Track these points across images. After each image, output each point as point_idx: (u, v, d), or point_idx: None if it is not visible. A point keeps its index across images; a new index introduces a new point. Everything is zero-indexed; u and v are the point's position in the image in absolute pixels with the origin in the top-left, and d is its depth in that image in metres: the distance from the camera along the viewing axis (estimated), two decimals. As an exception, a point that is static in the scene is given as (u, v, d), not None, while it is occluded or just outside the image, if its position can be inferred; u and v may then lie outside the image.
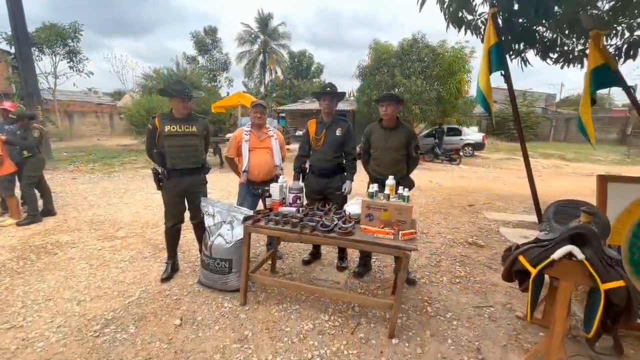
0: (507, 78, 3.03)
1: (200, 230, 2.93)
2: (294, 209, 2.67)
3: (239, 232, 2.63)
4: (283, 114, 20.52)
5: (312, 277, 3.11)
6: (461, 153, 13.47)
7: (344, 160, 3.13)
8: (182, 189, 2.88)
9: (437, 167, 11.69)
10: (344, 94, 3.01)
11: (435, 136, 13.48)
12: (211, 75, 31.96)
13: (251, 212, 2.67)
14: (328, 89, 2.96)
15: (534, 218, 5.09)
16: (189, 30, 34.17)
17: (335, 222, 2.37)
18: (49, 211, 4.73)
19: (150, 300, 2.64)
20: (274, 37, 33.35)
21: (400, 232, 2.16)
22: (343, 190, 3.03)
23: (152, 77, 27.94)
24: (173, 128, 2.75)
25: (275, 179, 3.09)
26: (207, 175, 3.10)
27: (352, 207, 2.62)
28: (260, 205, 3.02)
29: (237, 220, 2.70)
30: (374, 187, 2.46)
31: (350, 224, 2.34)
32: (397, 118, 2.90)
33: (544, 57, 3.64)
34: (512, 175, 10.35)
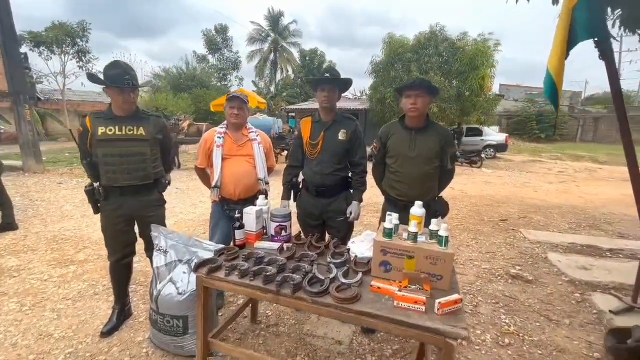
0: (605, 49, 2.02)
1: (154, 267, 2.15)
2: (275, 245, 1.86)
3: (197, 277, 1.84)
4: (292, 114, 19.76)
5: (305, 331, 2.29)
6: (482, 155, 12.41)
7: (350, 174, 2.30)
8: (125, 213, 2.11)
9: (457, 170, 10.66)
10: (349, 81, 2.19)
11: (453, 137, 12.45)
12: (221, 74, 31.60)
13: (220, 247, 1.88)
14: (327, 74, 2.12)
15: (586, 239, 4.14)
16: (201, 29, 33.88)
17: (332, 275, 1.54)
18: (8, 225, 4.07)
19: (73, 372, 1.88)
20: (284, 36, 32.69)
21: (437, 301, 1.32)
22: (348, 215, 2.20)
23: (160, 77, 27.78)
24: (110, 130, 1.98)
25: (258, 197, 2.29)
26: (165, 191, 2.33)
27: (359, 245, 1.79)
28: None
29: (199, 259, 1.91)
30: (393, 218, 1.62)
31: (356, 279, 1.51)
32: (427, 116, 2.05)
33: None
34: (541, 180, 9.28)
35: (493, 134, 14.15)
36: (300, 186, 2.39)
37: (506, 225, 4.78)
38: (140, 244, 2.32)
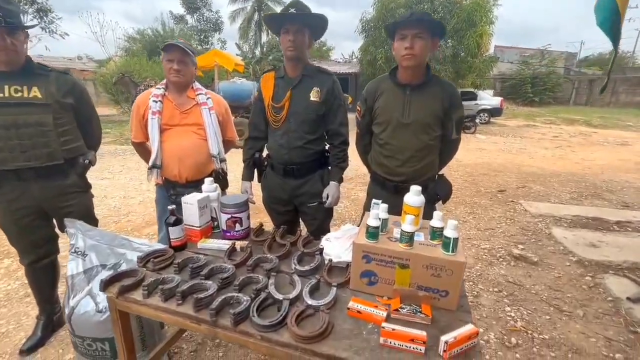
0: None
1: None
2: (225, 246, 1.40)
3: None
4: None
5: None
6: (477, 120, 11.93)
7: (326, 146, 1.80)
8: (30, 204, 1.60)
9: (450, 137, 10.24)
10: (323, 20, 1.62)
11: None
12: (202, 37, 29.41)
13: (152, 249, 1.41)
14: (292, 9, 1.54)
15: (590, 211, 3.81)
16: (178, -14, 30.96)
17: (295, 293, 1.10)
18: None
19: (-28, 410, 1.47)
20: (269, -8, 30.18)
21: (444, 340, 0.89)
22: (324, 200, 1.73)
23: (135, 40, 25.72)
24: (-15, 91, 1.41)
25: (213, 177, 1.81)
26: (117, 160, 1.80)
27: (336, 244, 1.33)
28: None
29: (129, 264, 1.45)
30: (380, 211, 1.16)
31: (327, 300, 1.07)
32: (427, 67, 1.52)
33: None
34: (537, 147, 8.94)
35: (488, 98, 13.55)
36: (266, 163, 1.89)
37: (505, 197, 4.42)
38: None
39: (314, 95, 1.64)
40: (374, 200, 1.29)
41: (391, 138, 1.53)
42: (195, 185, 1.81)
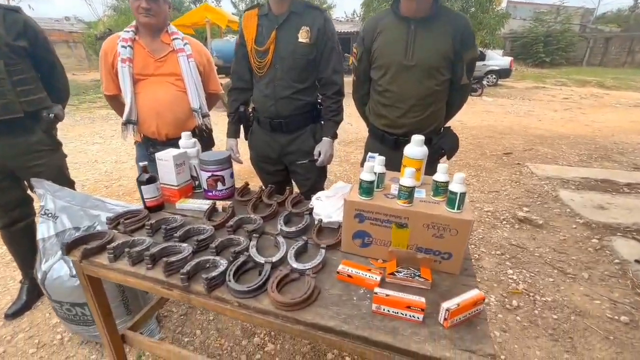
0: None
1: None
2: (205, 206, 1.27)
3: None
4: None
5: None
6: (484, 82, 11.40)
7: (319, 97, 1.61)
8: (-8, 162, 1.46)
9: (455, 99, 9.82)
10: None
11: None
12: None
13: (125, 210, 1.28)
14: None
15: (599, 173, 3.65)
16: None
17: (278, 255, 0.98)
18: None
19: (-44, 373, 1.43)
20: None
21: (445, 307, 0.77)
22: (315, 157, 1.57)
23: (125, -3, 24.16)
24: None
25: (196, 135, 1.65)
26: (108, 125, 1.63)
27: (327, 204, 1.20)
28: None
29: (104, 226, 1.33)
30: (376, 164, 1.01)
31: (314, 263, 0.95)
32: None
33: None
34: (546, 109, 8.57)
35: (497, 58, 12.85)
36: (252, 118, 1.71)
37: (511, 160, 4.24)
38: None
39: (302, 36, 1.42)
40: (369, 154, 1.14)
41: (391, 84, 1.33)
42: (177, 142, 1.65)
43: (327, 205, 1.18)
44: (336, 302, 0.85)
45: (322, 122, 1.62)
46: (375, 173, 0.97)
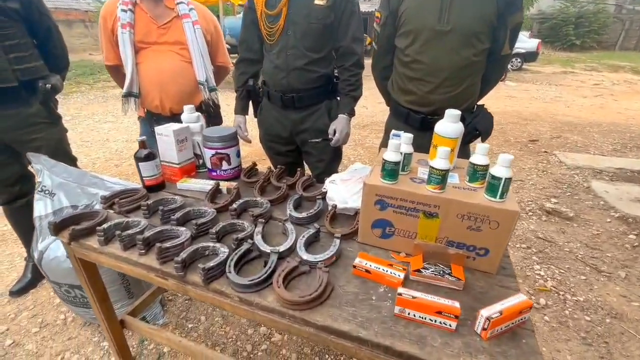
0: None
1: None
2: (209, 187, 1.15)
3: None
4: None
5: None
6: (508, 66, 10.79)
7: (335, 69, 1.45)
8: (-13, 135, 1.38)
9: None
10: None
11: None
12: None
13: (123, 188, 1.19)
14: None
15: (636, 163, 3.37)
16: None
17: (287, 245, 0.86)
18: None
19: (-41, 350, 1.41)
20: None
21: (484, 315, 0.64)
22: (330, 136, 1.43)
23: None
24: None
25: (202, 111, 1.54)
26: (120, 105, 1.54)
27: (342, 188, 1.06)
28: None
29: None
30: (402, 141, 0.86)
31: (327, 254, 0.83)
32: None
33: None
34: (575, 94, 8.07)
35: (523, 40, 12.08)
36: (262, 93, 1.57)
37: (537, 147, 3.98)
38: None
39: (319, -1, 1.25)
40: (393, 131, 0.99)
41: (421, 54, 1.16)
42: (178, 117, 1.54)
43: (343, 190, 1.05)
44: (352, 301, 0.73)
45: (338, 97, 1.47)
46: (401, 153, 0.83)
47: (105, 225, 0.90)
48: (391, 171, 0.82)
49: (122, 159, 3.61)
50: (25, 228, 1.68)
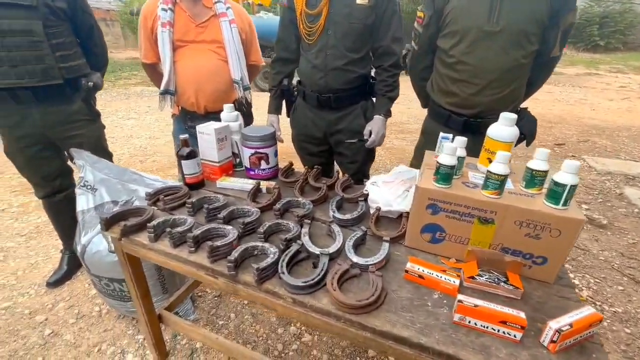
0: None
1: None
2: (249, 186, 1.16)
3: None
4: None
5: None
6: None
7: (373, 70, 1.43)
8: (35, 132, 1.42)
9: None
10: None
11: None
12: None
13: (164, 185, 1.21)
14: None
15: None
16: None
17: (335, 247, 0.85)
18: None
19: (0, 338, 1.45)
20: None
21: (553, 326, 0.62)
22: (365, 138, 1.41)
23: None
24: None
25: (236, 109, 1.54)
26: (141, 101, 1.57)
27: (384, 190, 1.05)
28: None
29: (142, 201, 1.27)
30: (458, 144, 0.84)
31: (378, 258, 0.82)
32: None
33: None
34: (600, 97, 7.80)
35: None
36: (296, 93, 1.57)
37: (564, 151, 3.86)
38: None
39: (361, -2, 1.24)
40: (441, 134, 0.97)
41: (467, 54, 1.13)
42: (216, 117, 1.55)
43: (386, 192, 1.04)
44: (407, 307, 0.72)
45: (374, 98, 1.45)
46: (456, 156, 0.81)
47: (154, 222, 0.91)
48: (446, 175, 0.80)
49: (146, 155, 3.68)
50: (62, 221, 1.73)
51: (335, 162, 1.66)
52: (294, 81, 1.57)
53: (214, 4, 1.48)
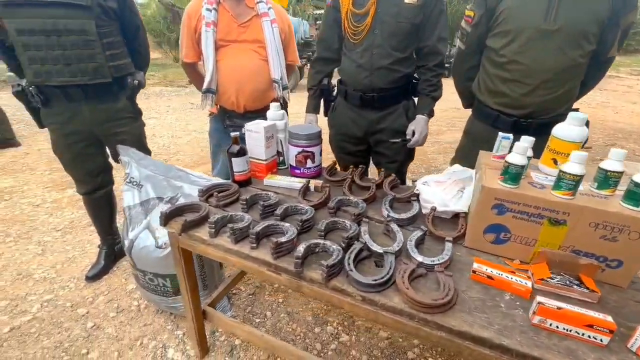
0: None
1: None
2: (297, 184, 1.17)
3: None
4: (320, 22, 17.16)
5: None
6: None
7: (416, 70, 1.42)
8: (82, 128, 1.46)
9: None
10: None
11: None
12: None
13: (212, 182, 1.22)
14: None
15: None
16: None
17: (396, 246, 0.85)
18: (7, 141, 3.68)
19: (46, 329, 1.49)
20: None
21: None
22: (407, 138, 1.41)
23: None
24: (19, -15, 1.18)
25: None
26: (161, 100, 1.61)
27: (437, 191, 1.04)
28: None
29: (187, 198, 1.29)
30: (526, 141, 0.82)
31: (442, 258, 0.81)
32: None
33: None
34: (622, 100, 7.61)
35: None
36: (335, 92, 1.57)
37: (591, 154, 3.77)
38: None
39: (409, -2, 1.23)
40: (501, 134, 0.95)
41: (520, 54, 1.11)
42: (254, 116, 1.56)
43: (440, 192, 1.03)
44: (480, 307, 0.71)
45: (417, 97, 1.44)
46: (527, 156, 0.80)
47: (213, 218, 0.92)
48: (516, 175, 0.78)
49: (169, 154, 3.73)
50: (102, 218, 1.77)
51: (371, 161, 1.66)
52: (333, 81, 1.57)
53: (256, 4, 1.50)
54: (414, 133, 1.39)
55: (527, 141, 0.83)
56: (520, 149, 0.78)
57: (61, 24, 1.24)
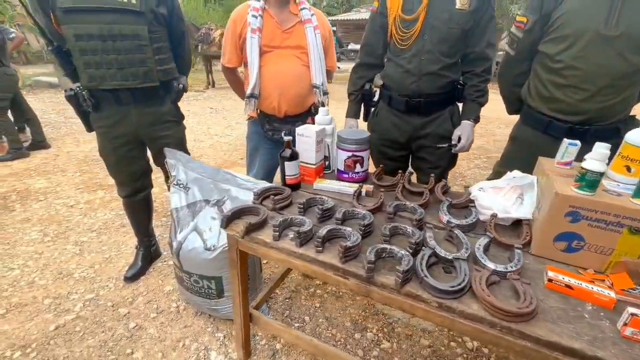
0: None
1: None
2: (349, 189, 1.17)
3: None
4: (334, 28, 17.38)
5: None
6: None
7: (462, 76, 1.42)
8: (128, 131, 1.49)
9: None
10: None
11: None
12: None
13: (263, 186, 1.23)
14: None
15: None
16: None
17: (464, 252, 0.84)
18: (39, 143, 3.79)
19: (90, 328, 1.51)
20: None
21: None
22: (453, 143, 1.39)
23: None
24: (79, -8, 1.22)
25: (316, 110, 1.57)
26: (180, 104, 1.64)
27: (495, 197, 1.02)
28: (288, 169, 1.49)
29: (234, 201, 1.31)
30: (603, 147, 0.80)
31: (515, 265, 0.79)
32: None
33: None
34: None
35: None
36: (377, 97, 1.57)
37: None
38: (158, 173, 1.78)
39: (461, 2, 1.23)
40: (567, 140, 0.94)
41: (578, 59, 1.10)
42: (293, 120, 1.59)
43: (499, 198, 1.01)
44: (564, 317, 0.69)
45: (463, 103, 1.43)
46: (603, 163, 0.78)
47: (276, 221, 0.93)
48: (593, 182, 0.77)
49: (194, 157, 3.78)
50: (140, 220, 1.80)
51: (410, 167, 1.65)
52: (378, 85, 1.57)
53: (300, 10, 1.52)
54: (459, 139, 1.38)
55: (605, 147, 0.81)
56: (599, 155, 0.76)
57: (116, 29, 1.28)
